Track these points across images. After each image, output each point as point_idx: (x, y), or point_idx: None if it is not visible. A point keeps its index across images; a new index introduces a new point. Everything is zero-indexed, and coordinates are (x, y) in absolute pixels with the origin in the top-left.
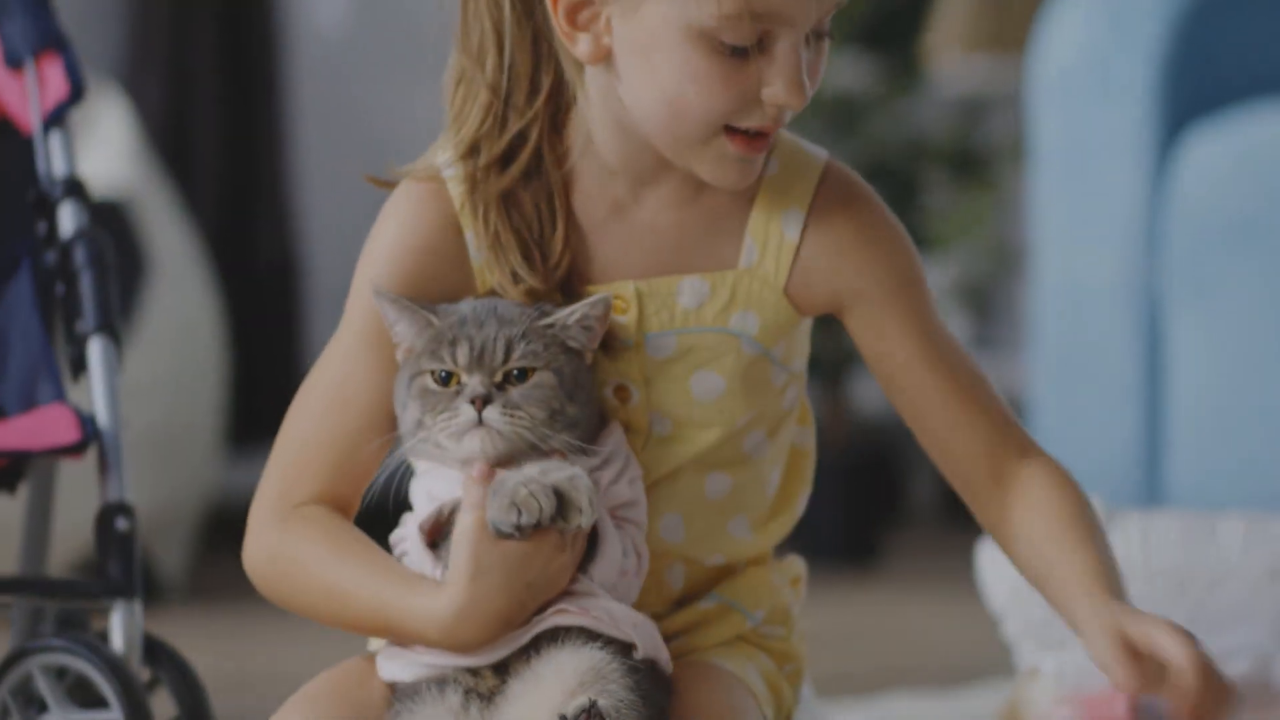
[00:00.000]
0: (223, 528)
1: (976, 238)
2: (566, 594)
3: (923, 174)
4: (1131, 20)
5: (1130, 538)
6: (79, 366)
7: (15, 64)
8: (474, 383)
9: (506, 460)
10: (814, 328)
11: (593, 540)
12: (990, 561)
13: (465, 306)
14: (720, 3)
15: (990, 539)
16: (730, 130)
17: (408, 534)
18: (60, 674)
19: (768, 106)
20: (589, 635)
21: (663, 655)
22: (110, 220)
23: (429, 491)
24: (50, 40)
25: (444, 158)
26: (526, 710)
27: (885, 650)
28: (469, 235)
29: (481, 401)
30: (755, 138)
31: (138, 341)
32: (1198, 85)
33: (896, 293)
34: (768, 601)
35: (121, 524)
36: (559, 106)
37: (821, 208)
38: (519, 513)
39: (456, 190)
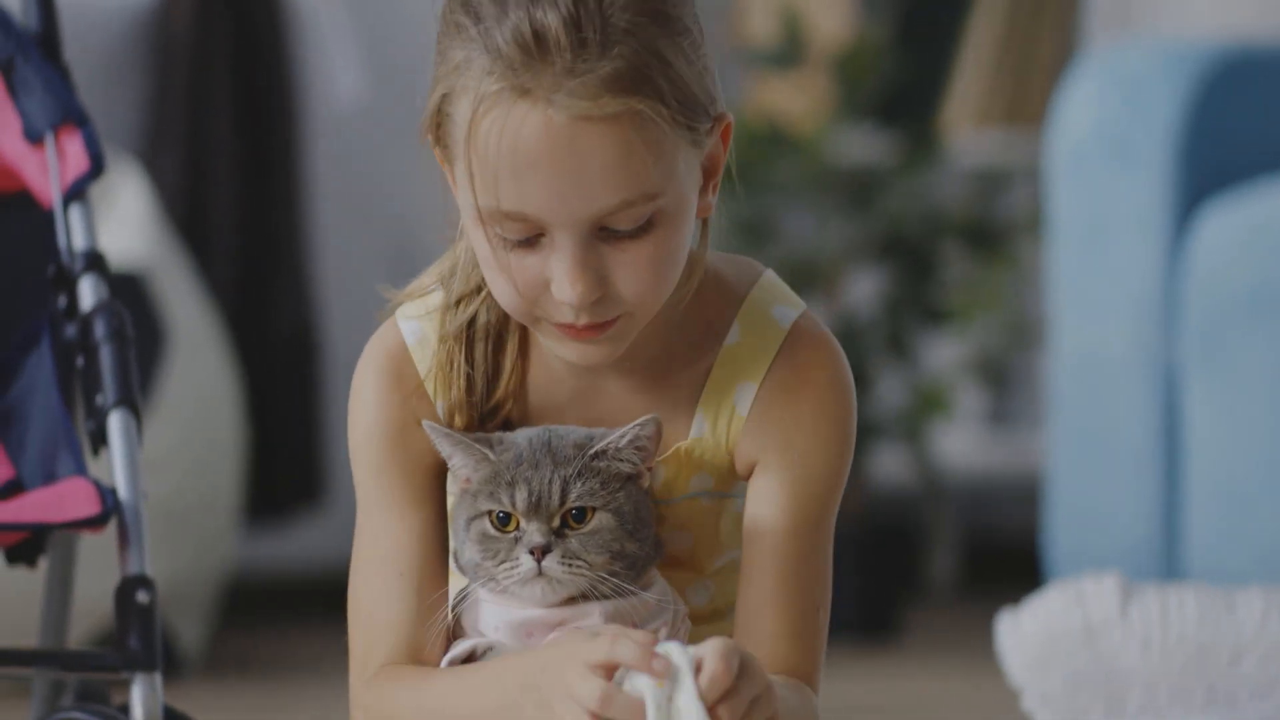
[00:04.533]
0: (241, 600)
1: (994, 311)
2: None
3: (940, 248)
4: (1148, 93)
5: (1149, 612)
6: (99, 440)
7: (35, 138)
8: (532, 530)
9: (566, 601)
10: None
11: None
12: (1009, 633)
13: (521, 439)
14: (480, 198)
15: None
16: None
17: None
18: None
19: (561, 303)
20: None
21: None
22: (128, 293)
23: (479, 622)
24: (70, 115)
25: (421, 295)
26: None
27: None
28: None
29: (541, 551)
30: (585, 328)
31: (156, 414)
32: (1214, 158)
33: (805, 489)
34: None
35: (142, 597)
36: None
37: (776, 380)
38: None
39: (417, 341)
